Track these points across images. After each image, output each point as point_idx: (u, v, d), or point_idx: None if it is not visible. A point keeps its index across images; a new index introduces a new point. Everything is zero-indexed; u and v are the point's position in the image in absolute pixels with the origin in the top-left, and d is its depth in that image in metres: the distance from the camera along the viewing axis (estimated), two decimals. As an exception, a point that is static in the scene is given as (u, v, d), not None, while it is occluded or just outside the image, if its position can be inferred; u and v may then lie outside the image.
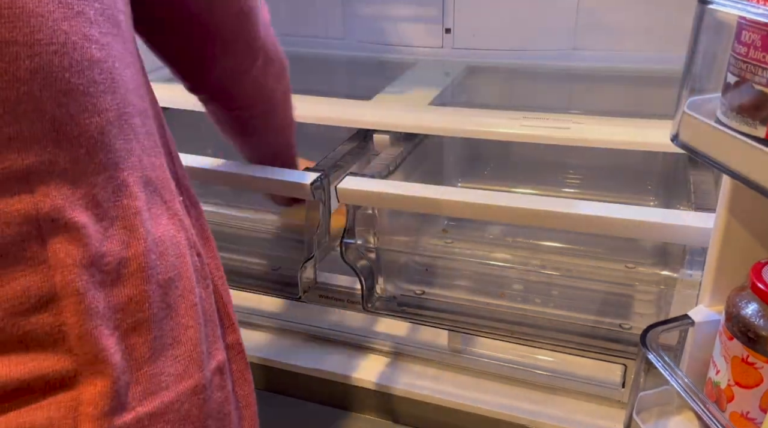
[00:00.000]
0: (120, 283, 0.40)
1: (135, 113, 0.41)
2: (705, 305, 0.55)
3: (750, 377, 0.48)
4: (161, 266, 0.42)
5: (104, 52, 0.38)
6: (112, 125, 0.39)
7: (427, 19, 1.18)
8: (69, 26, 0.36)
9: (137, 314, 0.40)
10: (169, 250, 0.43)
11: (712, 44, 0.45)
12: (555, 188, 1.04)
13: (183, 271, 0.43)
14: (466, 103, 1.12)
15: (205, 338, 0.45)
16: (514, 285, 0.84)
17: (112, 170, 0.39)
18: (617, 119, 0.83)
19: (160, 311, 0.42)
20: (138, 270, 0.40)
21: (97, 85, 0.38)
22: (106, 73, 0.38)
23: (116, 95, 0.39)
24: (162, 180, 0.44)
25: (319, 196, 0.73)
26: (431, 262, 0.91)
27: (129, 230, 0.40)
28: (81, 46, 0.36)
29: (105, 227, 0.39)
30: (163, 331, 0.42)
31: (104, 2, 0.38)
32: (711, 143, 0.45)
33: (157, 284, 0.41)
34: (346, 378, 0.82)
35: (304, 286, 0.80)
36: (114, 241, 0.39)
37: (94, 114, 0.38)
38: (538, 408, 0.76)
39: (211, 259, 0.49)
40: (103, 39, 0.38)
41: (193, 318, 0.44)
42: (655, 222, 0.63)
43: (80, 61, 0.36)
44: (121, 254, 0.40)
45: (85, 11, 0.37)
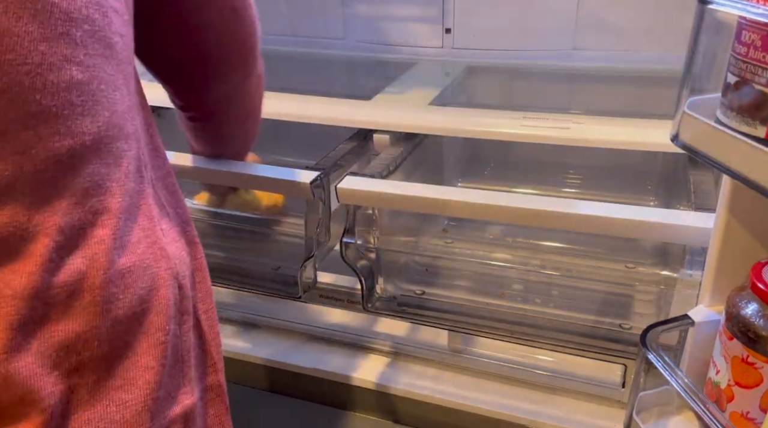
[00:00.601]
0: (67, 317, 0.37)
1: (120, 137, 0.40)
2: (705, 305, 0.55)
3: (750, 377, 0.48)
4: (124, 300, 0.39)
5: (88, 74, 0.37)
6: (87, 148, 0.37)
7: (427, 19, 1.18)
8: (48, 47, 0.35)
9: (84, 352, 0.37)
10: (138, 282, 0.40)
11: (712, 44, 0.45)
12: (555, 188, 1.04)
13: (153, 305, 0.40)
14: (466, 104, 1.12)
15: (170, 381, 0.42)
16: (514, 285, 0.84)
17: (81, 196, 0.37)
18: (617, 119, 0.83)
19: (114, 350, 0.38)
20: (92, 304, 0.37)
21: (74, 107, 0.36)
22: (87, 96, 0.37)
23: (97, 118, 0.38)
24: (141, 207, 0.42)
25: (319, 195, 0.73)
26: (431, 262, 0.91)
27: (89, 260, 0.37)
28: (59, 68, 0.35)
29: (61, 256, 0.36)
30: (114, 372, 0.38)
31: (96, 24, 0.37)
32: (711, 143, 0.45)
33: (114, 319, 0.38)
34: (346, 378, 0.82)
35: (304, 285, 0.80)
36: (68, 271, 0.36)
37: (66, 137, 0.36)
38: (538, 408, 0.76)
39: (201, 293, 0.46)
40: (88, 61, 0.37)
41: (155, 359, 0.40)
42: (655, 222, 0.62)
43: (56, 82, 0.35)
44: (74, 286, 0.37)
45: (71, 32, 0.36)
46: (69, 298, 0.37)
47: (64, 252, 0.37)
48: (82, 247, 0.37)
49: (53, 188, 0.36)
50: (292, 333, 0.90)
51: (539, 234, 0.92)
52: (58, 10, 0.35)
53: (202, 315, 0.46)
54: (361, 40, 1.25)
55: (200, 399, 0.45)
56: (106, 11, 0.38)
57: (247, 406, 0.89)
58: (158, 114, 1.05)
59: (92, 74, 0.37)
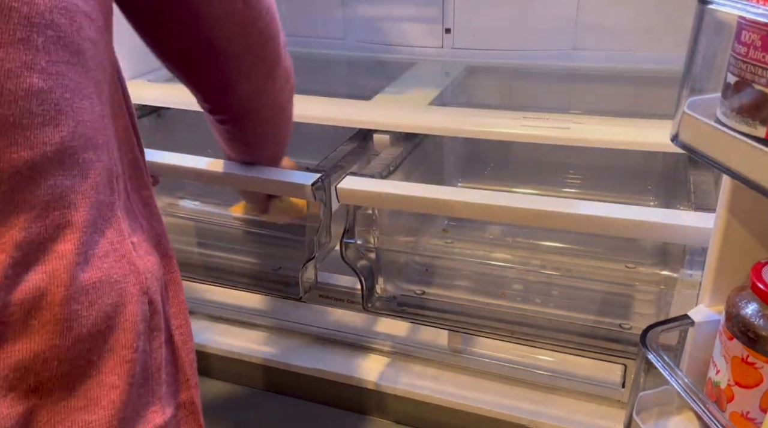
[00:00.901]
0: (25, 337, 0.35)
1: (88, 147, 0.38)
2: (705, 305, 0.55)
3: (750, 377, 0.48)
4: (87, 317, 0.37)
5: (50, 82, 0.35)
6: (49, 160, 0.35)
7: (427, 19, 1.18)
8: (5, 53, 0.33)
9: (43, 372, 0.35)
10: (104, 298, 0.38)
11: (712, 44, 0.45)
12: (555, 188, 1.04)
13: (120, 322, 0.38)
14: (466, 104, 1.12)
15: (138, 399, 0.40)
16: (514, 285, 0.84)
17: (41, 209, 0.35)
18: (617, 119, 0.83)
19: (75, 369, 0.36)
20: (52, 322, 0.35)
21: (34, 116, 0.34)
22: (49, 104, 0.35)
23: (60, 128, 0.36)
24: (109, 220, 0.39)
25: (320, 197, 0.73)
26: (431, 262, 0.91)
27: (49, 276, 0.35)
28: (17, 75, 0.33)
29: (18, 273, 0.34)
30: (76, 392, 0.36)
31: (61, 29, 0.35)
32: (711, 143, 0.45)
33: (76, 338, 0.36)
34: (347, 378, 0.82)
35: (305, 286, 0.80)
36: (26, 288, 0.35)
37: (24, 148, 0.34)
38: (538, 408, 0.76)
39: (174, 307, 0.45)
40: (51, 68, 0.35)
41: (121, 377, 0.38)
42: (655, 222, 0.63)
43: (14, 90, 0.33)
44: (32, 304, 0.35)
45: (31, 38, 0.34)
46: (27, 316, 0.35)
47: (22, 268, 0.35)
48: (41, 263, 0.35)
49: (9, 203, 0.34)
50: (292, 333, 0.90)
51: (539, 234, 0.92)
52: (17, 15, 0.33)
53: (175, 331, 0.44)
54: (361, 40, 1.25)
55: (173, 417, 0.43)
56: (74, 16, 0.37)
57: (246, 406, 0.89)
58: (158, 114, 1.06)
59: (55, 82, 0.35)
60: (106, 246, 0.39)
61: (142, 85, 1.04)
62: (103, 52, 0.40)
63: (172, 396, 0.43)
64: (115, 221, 0.40)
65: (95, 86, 0.39)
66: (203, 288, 0.94)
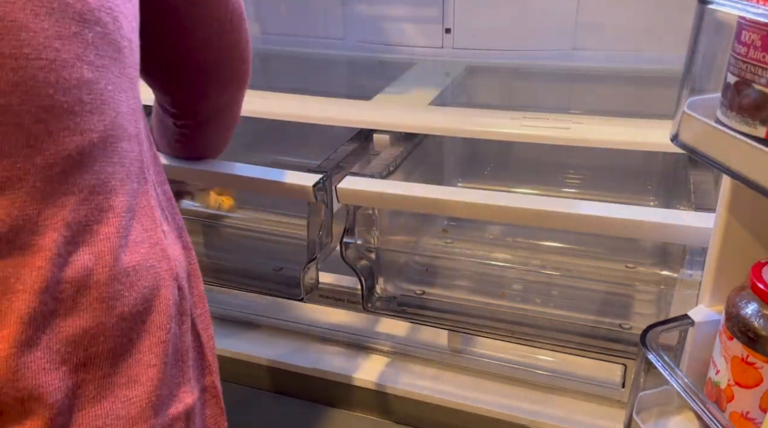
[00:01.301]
0: (75, 313, 0.37)
1: (124, 138, 0.41)
2: (705, 305, 0.55)
3: (750, 377, 0.48)
4: (129, 298, 0.39)
5: (97, 74, 0.38)
6: (95, 146, 0.38)
7: (427, 19, 1.18)
8: (62, 44, 0.36)
9: (90, 348, 0.38)
10: (142, 281, 0.40)
11: (712, 44, 0.45)
12: (555, 188, 1.04)
13: (156, 305, 0.41)
14: (466, 104, 1.12)
15: (171, 379, 0.42)
16: (514, 285, 0.84)
17: (88, 193, 0.38)
18: (617, 119, 0.83)
19: (118, 347, 0.39)
20: (98, 300, 0.38)
21: (84, 104, 0.37)
22: (96, 94, 0.38)
23: (104, 117, 0.39)
24: (144, 208, 0.42)
25: (321, 197, 0.73)
26: (431, 262, 0.91)
27: (95, 257, 0.38)
28: (72, 65, 0.36)
29: (69, 252, 0.37)
30: (118, 369, 0.39)
31: (107, 27, 0.39)
32: (711, 143, 0.45)
33: (119, 316, 0.39)
34: (347, 378, 0.82)
35: (306, 287, 0.80)
36: (75, 267, 0.37)
37: (75, 133, 0.37)
38: (538, 408, 0.76)
39: (195, 296, 0.47)
40: (98, 61, 0.38)
41: (157, 357, 0.41)
42: (655, 222, 0.62)
43: (68, 79, 0.36)
44: (81, 282, 0.37)
45: (83, 33, 0.37)
46: (76, 294, 0.37)
47: (72, 248, 0.37)
48: (88, 243, 0.38)
49: (62, 184, 0.37)
50: (293, 333, 0.90)
51: (539, 234, 0.92)
52: (72, 11, 0.36)
53: (197, 318, 0.46)
54: (361, 40, 1.25)
55: (199, 399, 0.45)
56: (117, 16, 0.39)
57: (246, 406, 0.89)
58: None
59: (101, 74, 0.38)
60: (142, 233, 0.42)
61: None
62: (135, 52, 0.43)
63: (197, 380, 0.45)
64: (148, 209, 0.43)
65: (130, 82, 0.42)
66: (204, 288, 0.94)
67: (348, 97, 0.96)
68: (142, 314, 0.40)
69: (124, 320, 0.39)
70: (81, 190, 0.38)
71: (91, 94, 0.38)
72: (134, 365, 0.40)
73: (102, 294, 0.38)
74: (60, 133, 0.36)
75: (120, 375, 0.39)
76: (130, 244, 0.40)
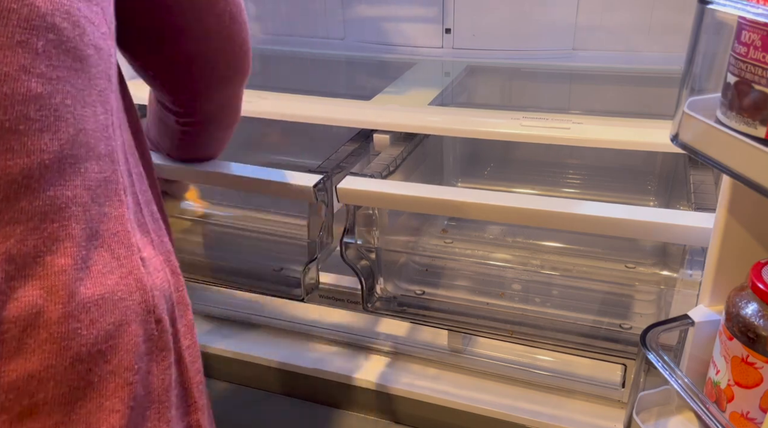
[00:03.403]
0: (19, 356, 0.33)
1: (89, 157, 0.36)
2: (705, 305, 0.55)
3: (750, 377, 0.48)
4: (88, 336, 0.35)
5: (50, 87, 0.34)
6: (47, 168, 0.34)
7: (427, 19, 1.18)
8: (2, 56, 0.32)
9: (37, 394, 0.34)
10: (106, 316, 0.36)
11: (712, 44, 0.45)
12: (555, 188, 1.04)
13: (122, 342, 0.37)
14: (466, 104, 1.12)
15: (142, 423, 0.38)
16: (514, 285, 0.84)
17: (38, 221, 0.34)
18: (617, 118, 0.83)
19: (74, 391, 0.35)
20: (48, 341, 0.34)
21: (31, 122, 0.33)
22: (47, 110, 0.34)
23: (59, 135, 0.34)
24: (116, 234, 0.38)
25: (321, 198, 0.73)
26: (431, 262, 0.91)
27: (46, 292, 0.34)
28: (14, 78, 0.32)
29: (13, 288, 0.33)
30: (74, 415, 0.35)
31: (63, 34, 0.34)
32: (711, 143, 0.45)
33: (74, 358, 0.35)
34: (347, 378, 0.82)
35: (307, 287, 0.80)
36: (21, 304, 0.33)
37: (20, 155, 0.33)
38: (538, 408, 0.76)
39: (183, 326, 0.43)
40: (51, 73, 0.34)
41: (122, 401, 0.36)
42: (655, 222, 0.63)
43: (10, 94, 0.32)
44: (27, 321, 0.33)
45: (30, 41, 0.33)
46: (22, 334, 0.33)
47: (17, 283, 0.33)
48: (37, 277, 0.34)
49: (5, 212, 0.33)
50: (293, 333, 0.90)
51: (539, 234, 0.92)
52: (16, 17, 0.32)
53: (184, 352, 0.43)
54: (361, 40, 1.25)
55: None
56: (77, 21, 0.35)
57: (246, 406, 0.89)
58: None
59: (54, 88, 0.34)
60: (111, 262, 0.37)
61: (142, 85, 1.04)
62: (108, 61, 0.39)
63: (180, 419, 0.42)
64: (123, 234, 0.38)
65: (99, 95, 0.38)
66: (204, 288, 0.94)
67: (348, 97, 0.96)
68: (104, 353, 0.36)
69: (80, 361, 0.35)
70: (30, 218, 0.33)
71: (42, 110, 0.33)
72: (95, 411, 0.35)
73: (53, 334, 0.34)
74: (1, 155, 0.32)
75: (77, 423, 0.35)
76: (92, 275, 0.36)
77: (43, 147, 0.34)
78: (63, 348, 0.34)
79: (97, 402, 0.36)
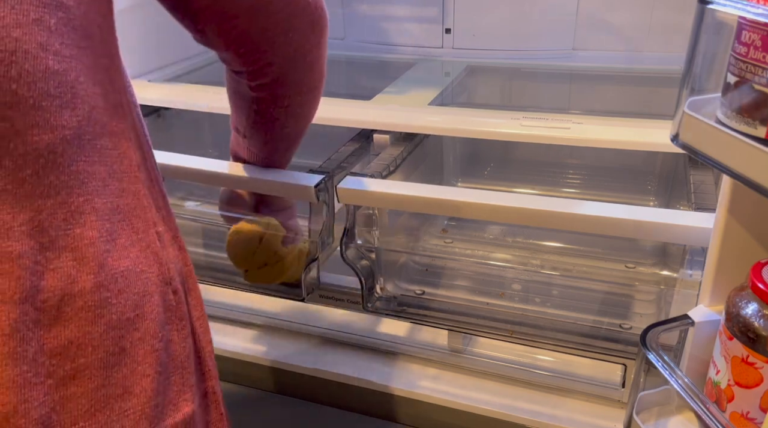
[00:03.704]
0: (59, 323, 0.35)
1: (103, 134, 0.38)
2: (705, 305, 0.55)
3: (750, 377, 0.48)
4: (117, 305, 0.37)
5: (65, 65, 0.35)
6: (68, 143, 0.35)
7: (427, 19, 1.18)
8: (21, 33, 0.33)
9: (78, 359, 0.36)
10: (131, 287, 0.38)
11: (712, 44, 0.45)
12: (555, 188, 1.04)
13: (147, 311, 0.39)
14: (466, 104, 1.12)
15: (168, 387, 0.40)
16: (514, 285, 0.84)
17: (65, 195, 0.35)
18: (617, 118, 0.83)
19: (109, 357, 0.37)
20: (84, 309, 0.36)
21: (52, 98, 0.34)
22: (65, 87, 0.35)
23: (77, 112, 0.36)
24: (134, 208, 0.40)
25: (323, 198, 0.73)
26: (431, 262, 0.91)
27: (78, 263, 0.36)
28: (34, 56, 0.33)
29: (48, 258, 0.35)
30: (111, 380, 0.37)
31: (71, 12, 0.35)
32: (711, 143, 0.45)
33: (108, 325, 0.37)
34: (347, 378, 0.82)
35: (308, 287, 0.80)
36: (57, 274, 0.35)
37: (45, 130, 0.34)
38: (538, 408, 0.76)
39: (193, 299, 0.45)
40: (65, 50, 0.35)
41: (151, 366, 0.39)
42: (655, 222, 0.63)
43: (32, 71, 0.33)
44: (64, 290, 0.35)
45: (44, 19, 0.34)
46: (60, 303, 0.35)
47: (51, 254, 0.35)
48: (69, 249, 0.36)
49: (36, 186, 0.34)
50: (292, 333, 0.90)
51: (539, 234, 0.92)
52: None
53: (195, 322, 0.44)
54: (362, 40, 1.25)
55: (199, 406, 0.44)
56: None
57: (246, 406, 0.89)
58: (158, 114, 1.05)
59: (69, 65, 0.35)
60: (131, 235, 0.39)
61: (142, 85, 1.04)
62: (108, 40, 0.40)
63: (197, 386, 0.44)
64: (140, 210, 0.40)
65: (105, 73, 0.39)
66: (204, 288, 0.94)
67: (348, 97, 0.97)
68: (134, 321, 0.38)
69: (112, 328, 0.37)
70: (57, 192, 0.35)
71: (60, 87, 0.34)
72: (129, 375, 0.38)
73: (87, 302, 0.36)
74: (28, 131, 0.33)
75: (115, 386, 0.37)
76: (117, 248, 0.38)
77: (63, 123, 0.35)
78: (97, 315, 0.36)
79: (130, 367, 0.38)
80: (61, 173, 0.35)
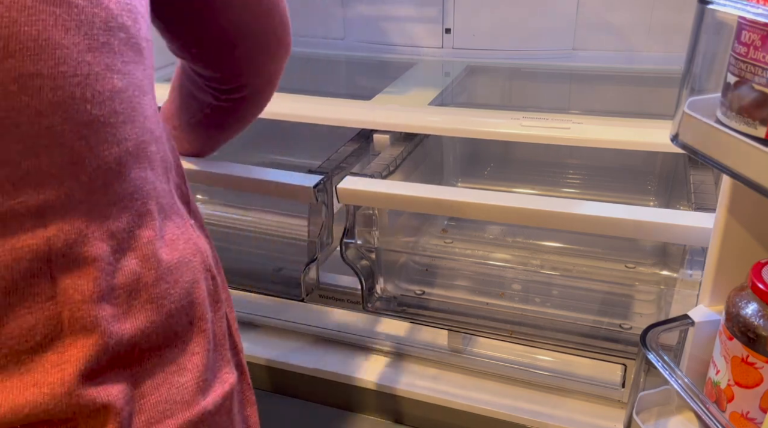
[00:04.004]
0: (129, 316, 0.39)
1: (151, 140, 0.41)
2: (705, 305, 0.55)
3: (750, 377, 0.48)
4: (173, 295, 0.41)
5: (125, 81, 0.38)
6: (130, 154, 0.39)
7: (427, 19, 1.18)
8: (93, 57, 0.36)
9: (144, 345, 0.40)
10: (184, 276, 0.42)
11: (712, 44, 0.45)
12: (555, 188, 1.04)
13: (196, 297, 0.43)
14: (466, 104, 1.12)
15: (214, 363, 0.45)
16: (514, 285, 0.84)
17: (127, 201, 0.39)
18: (617, 119, 0.83)
19: (167, 341, 0.41)
20: (148, 301, 0.40)
21: (118, 115, 0.37)
22: (126, 103, 0.38)
23: (135, 124, 0.39)
24: (173, 205, 0.43)
25: (321, 198, 0.73)
26: (431, 262, 0.91)
27: (141, 261, 0.39)
28: (104, 77, 0.36)
29: (117, 259, 0.38)
30: (169, 359, 0.41)
31: (129, 32, 0.38)
32: (711, 143, 0.45)
33: (167, 314, 0.41)
34: (347, 378, 0.82)
35: (307, 287, 0.80)
36: (125, 273, 0.39)
37: (113, 145, 0.37)
38: (538, 408, 0.76)
39: (221, 282, 0.48)
40: (125, 68, 0.38)
41: (201, 345, 0.43)
42: (655, 222, 0.63)
43: (102, 92, 0.36)
44: (131, 287, 0.39)
45: (110, 42, 0.37)
46: (128, 297, 0.39)
47: (120, 255, 0.38)
48: (132, 249, 0.39)
49: (104, 195, 0.38)
50: (292, 333, 0.90)
51: (539, 234, 0.92)
52: (99, 20, 0.36)
53: (224, 303, 0.48)
54: (362, 40, 1.25)
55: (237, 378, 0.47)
56: (137, 17, 0.39)
57: (247, 406, 0.89)
58: (158, 114, 1.05)
59: (128, 81, 0.38)
60: (175, 230, 0.43)
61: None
62: (152, 50, 0.43)
63: (232, 360, 0.47)
64: (176, 206, 0.44)
65: (149, 83, 0.42)
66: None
67: (348, 97, 0.96)
68: (186, 308, 0.42)
69: (171, 316, 0.41)
70: (122, 199, 0.38)
71: (123, 103, 0.38)
72: (181, 354, 0.42)
73: (151, 295, 0.40)
74: (100, 147, 0.37)
75: (172, 365, 0.41)
76: (168, 243, 0.42)
77: (126, 136, 0.38)
78: (159, 306, 0.40)
79: (183, 348, 0.42)
80: (123, 181, 0.39)
